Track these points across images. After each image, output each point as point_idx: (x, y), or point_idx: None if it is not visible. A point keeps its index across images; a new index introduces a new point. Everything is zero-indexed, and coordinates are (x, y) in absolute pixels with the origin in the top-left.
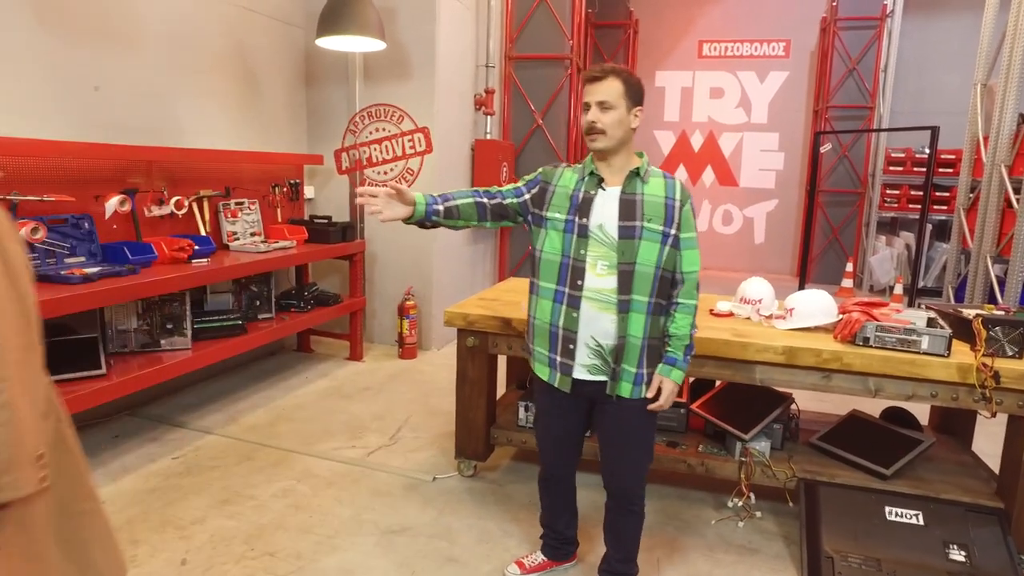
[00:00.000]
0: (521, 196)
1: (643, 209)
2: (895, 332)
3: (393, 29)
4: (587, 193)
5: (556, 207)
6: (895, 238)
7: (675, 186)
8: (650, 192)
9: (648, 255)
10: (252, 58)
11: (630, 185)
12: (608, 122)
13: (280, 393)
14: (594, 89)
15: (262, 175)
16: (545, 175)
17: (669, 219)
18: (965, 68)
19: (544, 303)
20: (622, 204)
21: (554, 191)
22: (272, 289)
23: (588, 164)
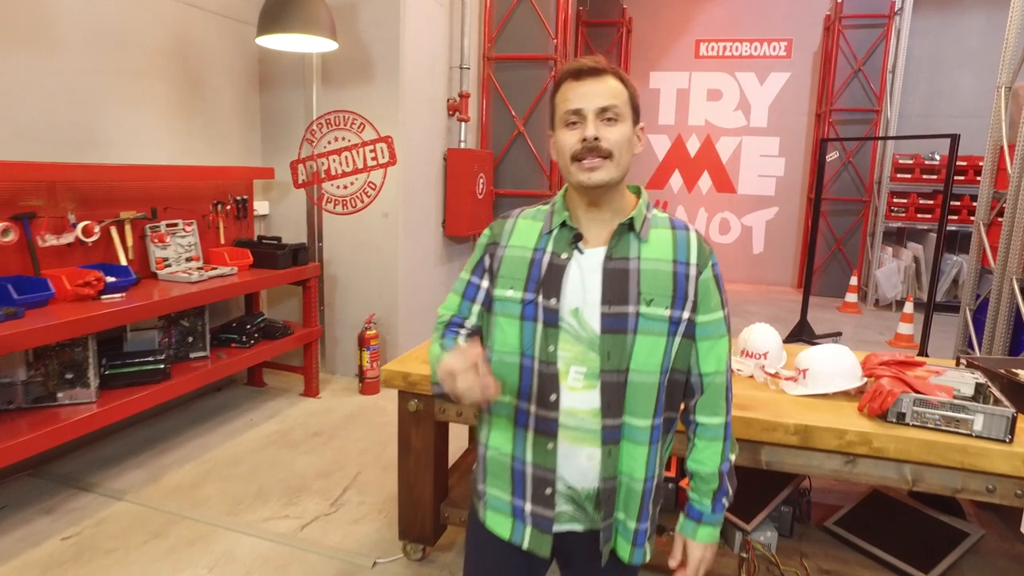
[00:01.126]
0: (476, 294)
1: (640, 284)
2: (939, 408)
3: (353, 26)
4: (556, 257)
5: (508, 280)
6: (902, 249)
7: (689, 242)
8: (651, 255)
9: (648, 357)
10: (196, 59)
11: (621, 245)
12: (616, 140)
13: (217, 441)
14: (590, 90)
15: (202, 192)
16: (493, 234)
17: (680, 297)
18: (980, 69)
19: (500, 429)
20: (608, 277)
21: (504, 255)
22: (206, 323)
23: (559, 209)
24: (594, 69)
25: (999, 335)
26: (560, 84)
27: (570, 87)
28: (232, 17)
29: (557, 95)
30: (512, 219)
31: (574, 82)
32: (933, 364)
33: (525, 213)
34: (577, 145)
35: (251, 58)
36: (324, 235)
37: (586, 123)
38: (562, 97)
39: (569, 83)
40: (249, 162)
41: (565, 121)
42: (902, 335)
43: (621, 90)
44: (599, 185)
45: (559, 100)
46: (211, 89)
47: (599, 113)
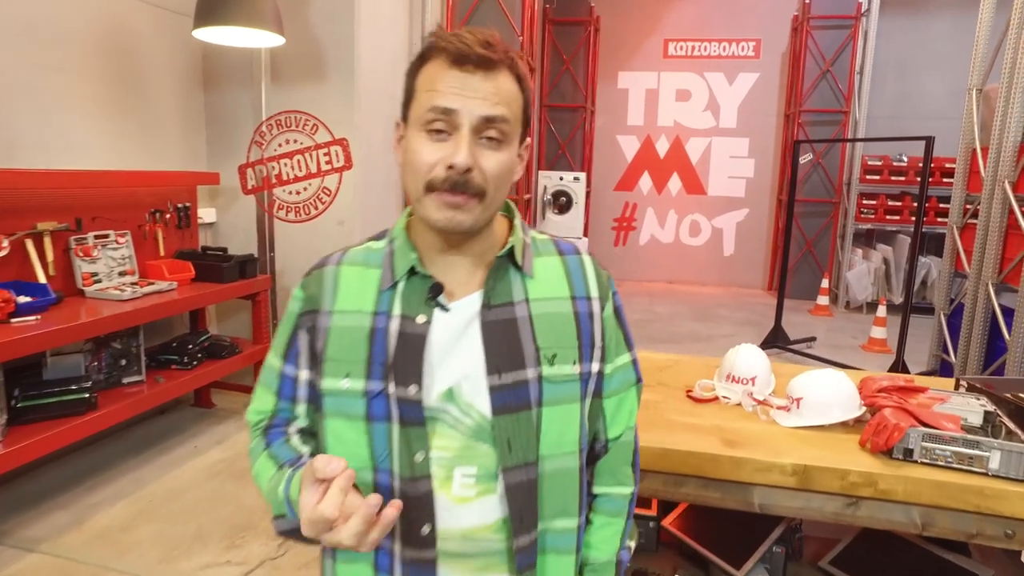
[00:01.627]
0: (294, 391)
1: (536, 337)
2: (951, 443)
3: (303, 20)
4: (409, 323)
5: (340, 364)
6: (872, 251)
7: (585, 270)
8: (543, 293)
9: (562, 435)
10: (130, 54)
11: (501, 287)
12: (496, 173)
13: (155, 473)
14: (474, 86)
15: (138, 199)
16: (307, 297)
17: (587, 344)
18: (946, 71)
19: (351, 574)
20: (492, 334)
21: (330, 327)
22: (141, 344)
23: (402, 248)
24: (484, 59)
25: (975, 341)
26: (427, 60)
27: (444, 72)
28: (170, 8)
29: (421, 75)
30: (332, 267)
31: (452, 68)
32: (936, 390)
33: (351, 256)
34: (440, 171)
35: (194, 54)
36: (276, 244)
37: (459, 138)
38: (427, 82)
39: (443, 65)
40: (193, 166)
41: (426, 122)
42: (875, 339)
43: (516, 95)
44: (464, 232)
45: (422, 84)
46: (149, 87)
47: (480, 126)
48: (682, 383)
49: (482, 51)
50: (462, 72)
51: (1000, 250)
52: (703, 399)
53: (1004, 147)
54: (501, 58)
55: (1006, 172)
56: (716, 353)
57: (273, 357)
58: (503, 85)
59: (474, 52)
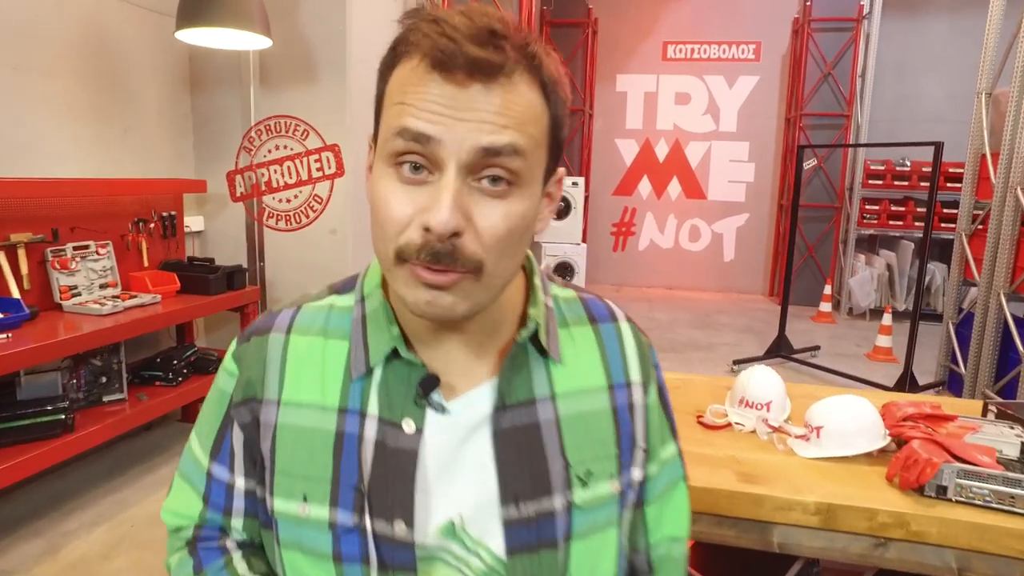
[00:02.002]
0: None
1: (565, 448)
2: (988, 481)
3: (293, 21)
4: (391, 431)
5: (294, 481)
6: (875, 257)
7: (623, 344)
8: (573, 385)
9: (595, 570)
10: (112, 56)
11: (520, 379)
12: (500, 234)
13: (138, 495)
14: (463, 99)
15: (120, 208)
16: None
17: (627, 447)
18: (945, 74)
19: None
20: (508, 446)
21: (277, 426)
22: (122, 360)
23: (379, 317)
24: (482, 62)
25: (986, 352)
26: (400, 56)
27: (420, 79)
28: (155, 9)
29: (392, 79)
30: (278, 336)
31: (433, 73)
32: (965, 418)
33: (304, 319)
34: (414, 234)
35: (180, 56)
36: (266, 253)
37: (441, 184)
38: (397, 91)
39: (420, 68)
40: (180, 173)
41: (394, 154)
42: (881, 348)
43: (538, 110)
44: (447, 318)
45: (391, 93)
46: (132, 91)
47: (477, 162)
48: (692, 407)
49: (477, 52)
50: (450, 84)
51: (1012, 258)
52: (715, 426)
53: (1016, 153)
54: (513, 57)
55: (1018, 178)
56: (718, 362)
57: (198, 447)
58: (516, 98)
59: (464, 52)
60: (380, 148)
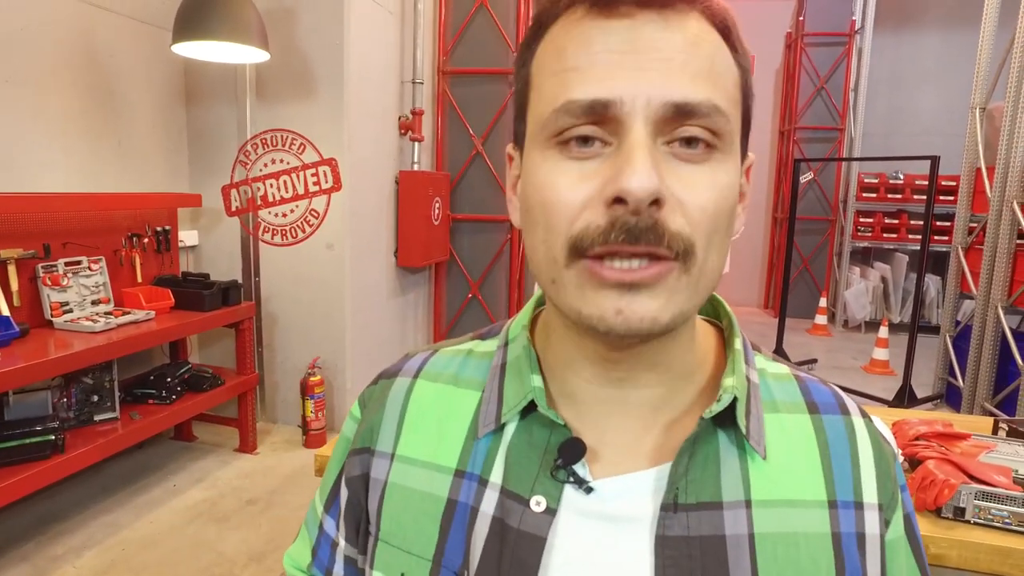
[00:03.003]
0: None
1: (757, 573)
2: (1008, 503)
3: (290, 35)
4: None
5: (395, 549)
6: (869, 269)
7: (857, 449)
8: (776, 493)
9: None
10: (106, 69)
11: (705, 472)
12: (712, 209)
13: (130, 517)
14: (642, 40)
15: (113, 223)
16: (363, 425)
17: None
18: (937, 88)
19: None
20: (674, 561)
21: (387, 485)
22: (114, 378)
23: (520, 362)
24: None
25: (984, 365)
26: (548, 24)
27: (585, 32)
28: (149, 22)
29: (540, 51)
30: (405, 380)
31: (599, 19)
32: (978, 436)
33: (439, 362)
34: (597, 214)
35: (175, 69)
36: (261, 268)
37: (628, 147)
38: (554, 60)
39: (579, 21)
40: (175, 187)
41: (557, 132)
42: (878, 360)
43: (727, 61)
44: (644, 333)
45: (544, 65)
46: (126, 104)
47: (668, 122)
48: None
49: None
50: (615, 21)
51: (1009, 272)
52: None
53: (1012, 167)
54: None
55: (1014, 192)
56: None
57: (318, 495)
58: (702, 40)
59: None
60: (534, 135)
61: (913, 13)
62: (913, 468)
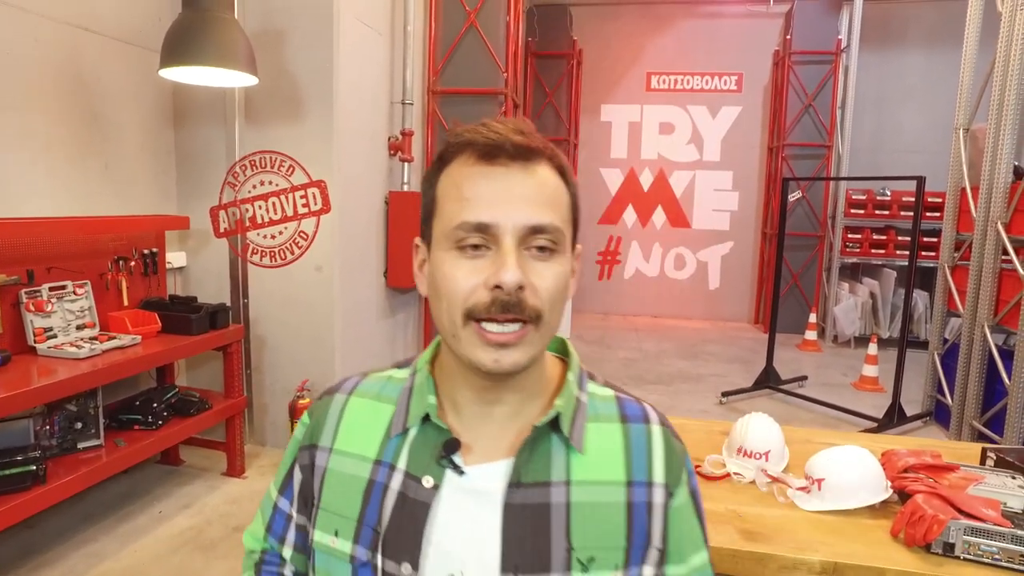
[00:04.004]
0: (285, 530)
1: (571, 533)
2: (997, 539)
3: (279, 57)
4: (412, 484)
5: (332, 517)
6: (858, 285)
7: (651, 446)
8: (591, 476)
9: None
10: (93, 92)
11: (538, 460)
12: (552, 290)
13: (113, 547)
14: (512, 188)
15: (99, 246)
16: (311, 427)
17: (639, 544)
18: (922, 107)
19: None
20: (515, 521)
21: (327, 469)
22: (99, 405)
23: (422, 387)
24: (524, 148)
25: (972, 383)
26: (448, 161)
27: (473, 174)
28: (137, 44)
29: (443, 180)
30: (342, 396)
31: (482, 166)
32: (967, 467)
33: (365, 386)
34: (482, 295)
35: (163, 91)
36: (250, 290)
37: (502, 252)
38: (454, 190)
39: (471, 166)
40: (163, 209)
41: (456, 241)
42: (867, 377)
43: (562, 193)
44: (510, 372)
45: (447, 193)
46: (113, 126)
47: (527, 236)
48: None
49: (517, 138)
50: (493, 169)
51: (995, 291)
52: (714, 476)
53: (995, 188)
54: (540, 146)
55: (998, 213)
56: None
57: (272, 483)
58: (547, 180)
59: (509, 142)
60: (439, 239)
61: (896, 32)
62: (902, 501)
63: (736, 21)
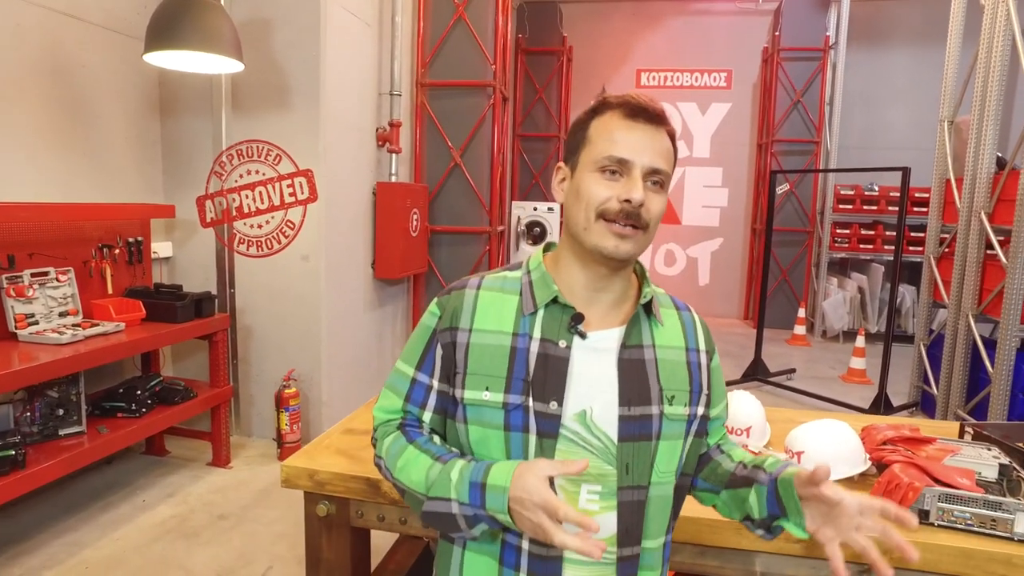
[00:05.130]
0: (426, 398)
1: (660, 379)
2: (970, 504)
3: (266, 46)
4: (551, 346)
5: (481, 378)
6: (847, 280)
7: (696, 325)
8: (666, 342)
9: (668, 466)
10: (77, 80)
11: (636, 330)
12: (657, 213)
13: (94, 535)
14: (646, 141)
15: (82, 234)
16: (446, 314)
17: (696, 390)
18: (908, 103)
19: (477, 567)
20: (626, 369)
21: (470, 343)
22: (81, 391)
23: (542, 280)
24: (657, 115)
25: (957, 373)
26: (601, 113)
27: (621, 126)
28: (122, 32)
29: (596, 126)
30: (472, 291)
31: (628, 121)
32: (944, 440)
33: (488, 282)
34: (614, 204)
35: (149, 80)
36: (236, 280)
37: (631, 180)
38: (606, 134)
39: (620, 120)
40: (149, 198)
41: (601, 166)
42: (855, 370)
43: (672, 152)
44: (623, 259)
45: (599, 135)
46: (98, 115)
47: (649, 174)
48: None
49: (654, 108)
50: (635, 125)
51: (979, 281)
52: None
53: (979, 179)
54: (667, 119)
55: (982, 203)
56: None
57: (405, 365)
58: (666, 143)
59: (649, 108)
60: (586, 163)
61: (883, 31)
62: (880, 472)
63: (726, 19)
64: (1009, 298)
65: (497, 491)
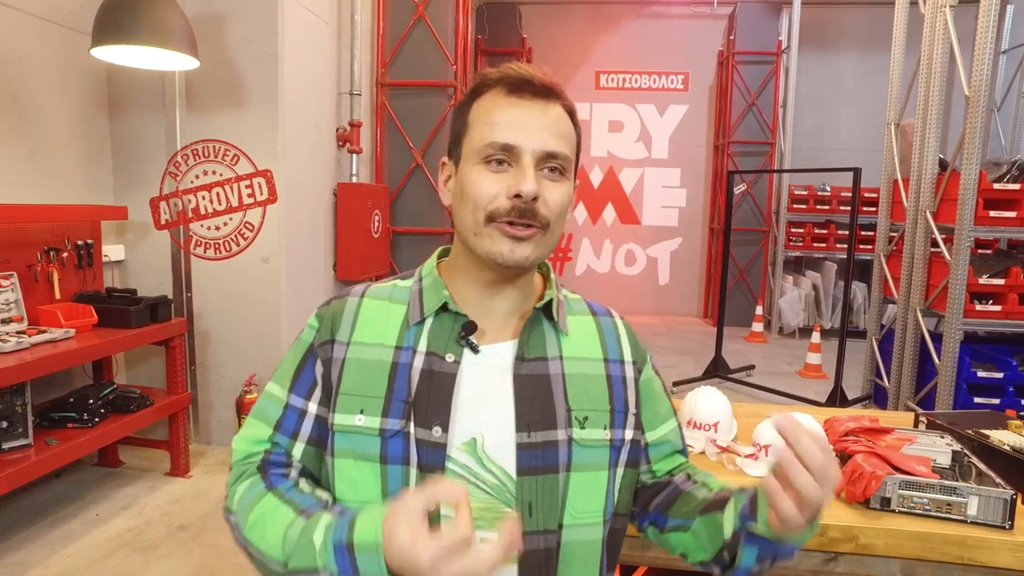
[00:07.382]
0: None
1: (568, 397)
2: (927, 490)
3: (221, 43)
4: (436, 360)
5: (355, 399)
6: (801, 278)
7: (619, 332)
8: (576, 353)
9: (587, 503)
10: (15, 74)
11: (535, 340)
12: (559, 206)
13: (42, 553)
14: (533, 119)
15: (26, 236)
16: (324, 325)
17: (619, 409)
18: (855, 107)
19: None
20: (524, 387)
21: (347, 358)
22: (27, 402)
23: (432, 286)
24: (545, 87)
25: (907, 366)
26: (481, 93)
27: (503, 103)
28: (64, 24)
29: (476, 108)
30: (354, 299)
31: (511, 98)
32: (901, 430)
33: (374, 291)
34: (503, 201)
35: (96, 75)
36: (193, 283)
37: (521, 170)
38: (485, 115)
39: (502, 96)
40: (97, 199)
41: (484, 156)
42: (811, 365)
43: (571, 130)
44: (522, 266)
45: (478, 119)
46: (39, 111)
47: (542, 159)
48: None
49: (541, 78)
50: (520, 101)
51: (925, 277)
52: None
53: (923, 179)
54: (559, 90)
55: (927, 203)
56: None
57: (276, 387)
58: (561, 118)
59: (534, 79)
60: (468, 155)
61: (832, 36)
62: (844, 462)
63: (682, 22)
64: (953, 293)
65: (368, 550)
